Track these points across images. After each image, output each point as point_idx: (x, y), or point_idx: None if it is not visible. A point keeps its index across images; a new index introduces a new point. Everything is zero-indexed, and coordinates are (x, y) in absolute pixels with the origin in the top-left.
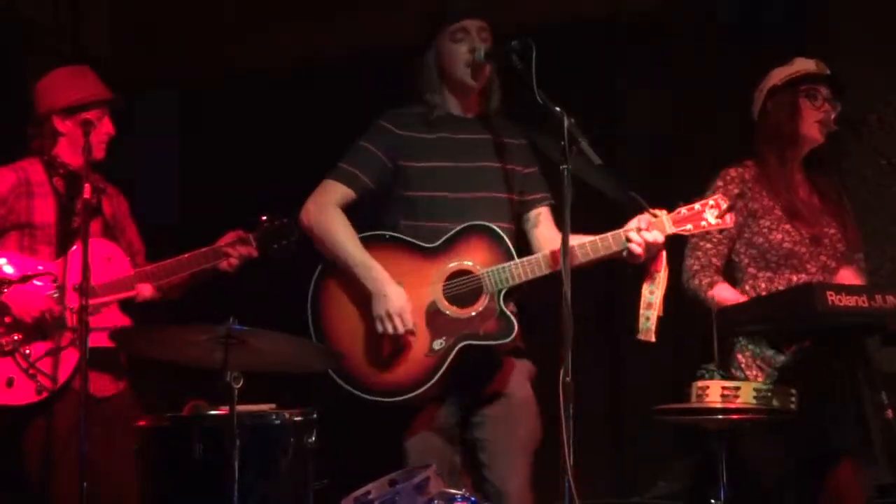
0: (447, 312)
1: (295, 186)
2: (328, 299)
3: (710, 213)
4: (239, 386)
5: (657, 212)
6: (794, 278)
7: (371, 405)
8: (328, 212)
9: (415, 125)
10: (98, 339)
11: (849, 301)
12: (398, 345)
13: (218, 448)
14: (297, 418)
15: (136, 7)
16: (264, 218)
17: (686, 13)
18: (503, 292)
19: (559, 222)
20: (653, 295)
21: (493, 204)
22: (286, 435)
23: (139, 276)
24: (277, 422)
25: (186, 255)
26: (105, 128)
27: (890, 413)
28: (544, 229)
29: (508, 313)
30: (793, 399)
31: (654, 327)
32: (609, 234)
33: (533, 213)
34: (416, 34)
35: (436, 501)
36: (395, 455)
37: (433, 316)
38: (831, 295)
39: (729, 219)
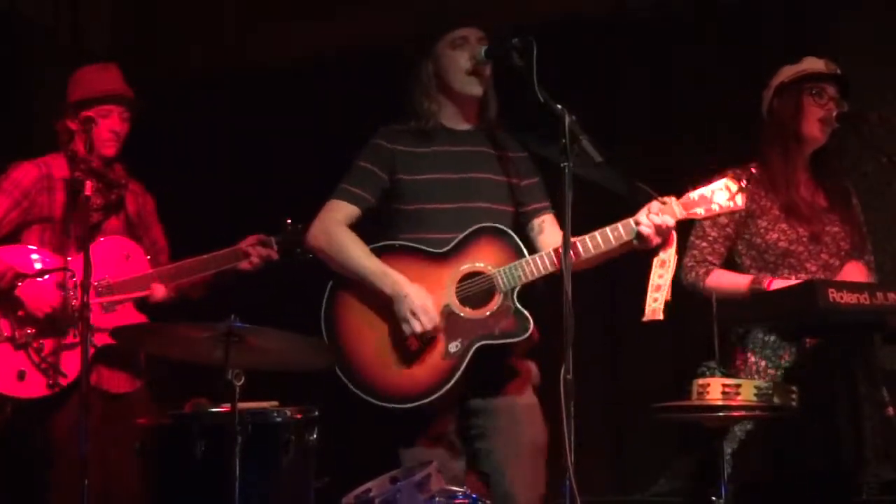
0: (461, 314)
1: (295, 185)
2: (342, 313)
3: (721, 195)
4: (240, 383)
5: (666, 199)
6: (794, 277)
7: (390, 412)
8: (336, 230)
9: (410, 140)
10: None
11: (850, 298)
12: (415, 351)
13: (219, 446)
14: (298, 416)
15: (136, 7)
16: (289, 221)
17: (686, 13)
18: (516, 290)
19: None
20: (661, 278)
21: (492, 215)
22: (287, 433)
23: (157, 276)
24: (279, 419)
25: (206, 256)
26: (109, 125)
27: (891, 410)
28: (549, 235)
29: (523, 310)
30: (794, 397)
31: (661, 307)
32: (619, 224)
33: (536, 222)
34: (413, 44)
35: (437, 499)
36: (395, 453)
37: (448, 319)
38: (832, 292)
39: (740, 200)
